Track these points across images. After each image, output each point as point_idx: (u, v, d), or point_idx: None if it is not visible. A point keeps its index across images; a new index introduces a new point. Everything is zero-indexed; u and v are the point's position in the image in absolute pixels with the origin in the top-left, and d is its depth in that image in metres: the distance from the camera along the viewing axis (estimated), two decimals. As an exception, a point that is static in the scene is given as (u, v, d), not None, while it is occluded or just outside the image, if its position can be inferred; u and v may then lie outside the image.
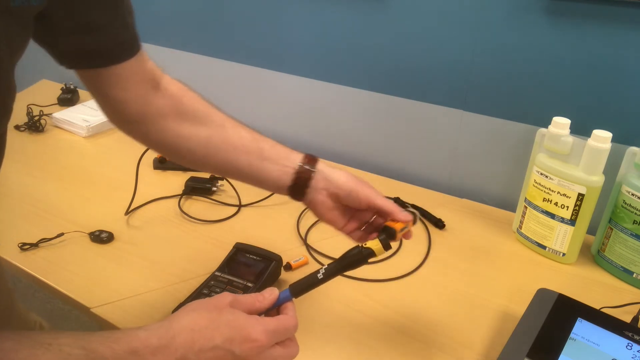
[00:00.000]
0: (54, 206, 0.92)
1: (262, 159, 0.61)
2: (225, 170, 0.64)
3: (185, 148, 0.61)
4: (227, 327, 0.46)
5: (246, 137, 0.62)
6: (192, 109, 0.61)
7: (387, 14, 0.97)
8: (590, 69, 0.83)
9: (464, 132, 0.99)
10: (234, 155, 0.61)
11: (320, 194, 0.61)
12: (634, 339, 0.59)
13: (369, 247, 0.56)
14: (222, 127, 0.62)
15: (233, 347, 0.46)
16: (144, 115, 0.60)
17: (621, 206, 0.75)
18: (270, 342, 0.47)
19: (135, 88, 0.58)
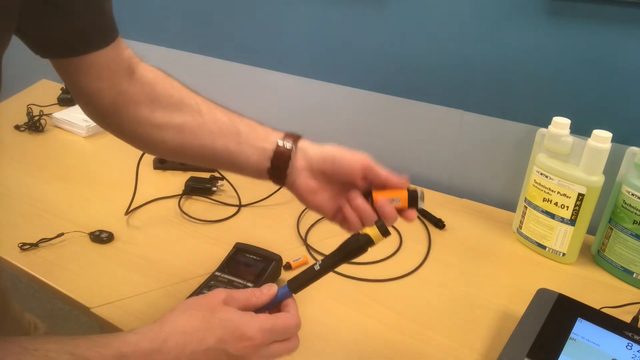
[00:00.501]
0: (54, 206, 0.92)
1: (240, 143, 0.57)
2: (203, 158, 0.59)
3: (158, 138, 0.58)
4: (220, 327, 0.45)
5: (222, 120, 0.58)
6: (166, 95, 0.58)
7: (387, 13, 0.97)
8: (590, 69, 0.83)
9: (464, 132, 0.99)
10: (209, 140, 0.57)
11: (302, 174, 0.57)
12: (634, 339, 0.59)
13: (366, 234, 0.52)
14: (197, 112, 0.58)
15: (227, 347, 0.45)
16: (118, 105, 0.57)
17: (621, 206, 0.75)
18: (266, 340, 0.46)
19: (110, 77, 0.55)
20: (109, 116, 0.58)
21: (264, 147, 0.57)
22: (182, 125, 0.57)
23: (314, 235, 0.87)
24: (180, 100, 0.58)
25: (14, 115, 1.24)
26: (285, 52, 1.13)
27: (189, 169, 1.04)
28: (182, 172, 1.04)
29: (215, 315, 0.46)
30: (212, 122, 0.58)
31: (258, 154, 0.57)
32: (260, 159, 0.57)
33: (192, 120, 0.58)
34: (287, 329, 0.48)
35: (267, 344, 0.47)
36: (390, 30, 0.99)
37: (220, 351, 0.45)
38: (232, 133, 0.57)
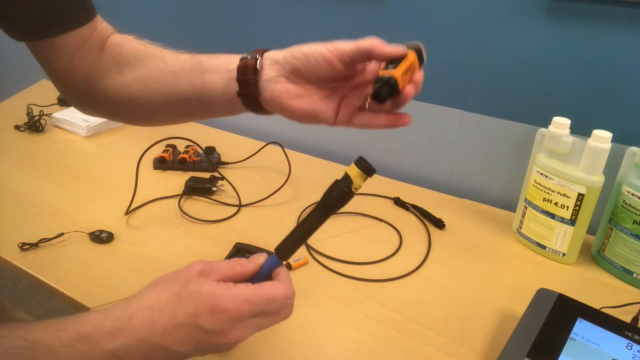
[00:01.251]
0: (54, 206, 0.92)
1: (202, 73, 0.52)
2: (172, 105, 0.55)
3: (127, 96, 0.55)
4: (190, 300, 0.41)
5: (184, 58, 0.54)
6: (131, 52, 0.56)
7: (387, 13, 0.97)
8: (590, 69, 0.83)
9: (464, 132, 0.99)
10: (173, 82, 0.53)
11: (278, 83, 0.50)
12: (634, 339, 0.59)
13: (345, 175, 0.47)
14: (160, 59, 0.55)
15: (200, 321, 0.41)
16: (90, 80, 0.56)
17: (621, 206, 0.75)
18: (244, 312, 0.42)
19: (85, 54, 0.54)
20: (83, 93, 0.57)
21: (228, 70, 0.51)
22: (146, 76, 0.55)
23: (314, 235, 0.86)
24: (145, 52, 0.56)
25: (14, 115, 1.24)
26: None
27: (189, 169, 1.04)
28: (182, 172, 1.04)
29: (186, 289, 0.42)
30: (174, 64, 0.54)
31: (223, 79, 0.52)
32: (227, 85, 0.51)
33: (155, 67, 0.55)
34: (271, 299, 0.43)
35: (247, 316, 0.42)
36: (390, 30, 0.98)
37: (193, 327, 0.41)
38: (194, 67, 0.53)
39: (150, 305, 0.42)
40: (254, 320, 0.43)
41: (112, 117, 0.62)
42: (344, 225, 0.90)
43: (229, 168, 1.06)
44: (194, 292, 0.42)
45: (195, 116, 0.57)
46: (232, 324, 0.41)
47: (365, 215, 0.92)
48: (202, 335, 0.41)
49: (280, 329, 0.67)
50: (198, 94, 0.53)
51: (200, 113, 0.56)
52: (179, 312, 0.41)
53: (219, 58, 0.53)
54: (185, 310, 0.41)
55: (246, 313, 0.42)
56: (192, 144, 1.04)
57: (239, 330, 0.42)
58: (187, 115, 0.58)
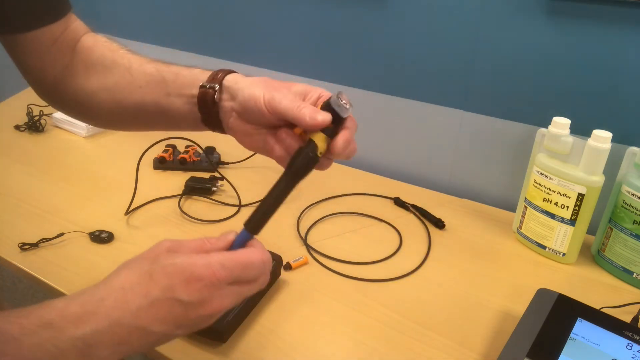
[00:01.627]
0: (54, 206, 0.92)
1: (168, 94, 0.51)
2: (138, 118, 0.54)
3: (94, 103, 0.55)
4: (163, 274, 0.39)
5: (150, 72, 0.52)
6: (100, 58, 0.55)
7: (388, 13, 0.97)
8: (590, 69, 0.83)
9: (464, 132, 0.99)
10: (139, 96, 0.52)
11: (231, 116, 0.49)
12: (634, 339, 0.59)
13: (309, 140, 0.45)
14: (127, 70, 0.54)
15: (176, 294, 0.38)
16: (59, 79, 0.55)
17: (621, 206, 0.75)
18: (222, 277, 0.39)
19: (56, 52, 0.54)
20: (54, 91, 0.57)
21: (191, 94, 0.50)
22: (113, 86, 0.54)
23: (314, 235, 0.87)
24: (112, 61, 0.55)
25: (14, 115, 1.24)
26: (285, 51, 1.13)
27: (189, 169, 1.04)
28: (182, 172, 1.04)
29: (157, 264, 0.40)
30: (140, 77, 0.53)
31: (187, 103, 0.51)
32: (191, 109, 0.51)
33: (122, 78, 0.54)
34: (248, 264, 0.41)
35: (224, 282, 0.40)
36: (390, 30, 0.99)
37: (170, 301, 0.38)
38: (159, 84, 0.52)
39: (121, 286, 0.39)
40: (232, 288, 0.41)
41: (80, 119, 0.61)
42: (344, 225, 0.90)
43: (229, 168, 1.06)
44: (165, 265, 0.40)
45: (162, 129, 0.57)
46: (209, 293, 0.39)
47: (365, 215, 0.92)
48: (180, 309, 0.39)
49: (280, 329, 0.67)
50: (164, 112, 0.52)
51: (166, 128, 0.56)
52: (152, 288, 0.39)
53: (182, 77, 0.52)
54: (159, 285, 0.39)
55: (223, 279, 0.40)
56: (192, 144, 1.04)
57: (217, 299, 0.40)
58: (154, 128, 0.57)
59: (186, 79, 0.51)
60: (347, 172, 1.07)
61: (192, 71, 0.52)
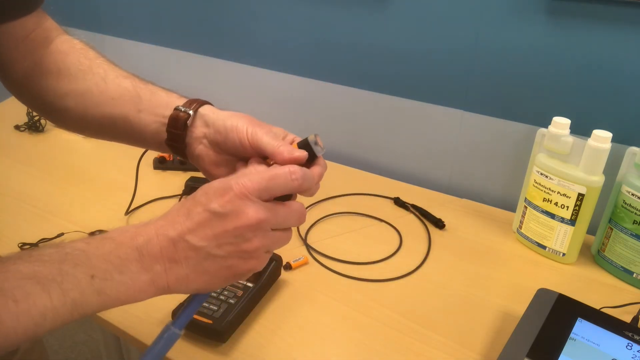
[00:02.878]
0: (54, 206, 0.92)
1: (139, 111, 0.52)
2: (104, 129, 0.55)
3: (62, 106, 0.55)
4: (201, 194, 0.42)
5: (125, 86, 0.53)
6: (75, 63, 0.55)
7: (387, 13, 0.97)
8: (590, 69, 0.83)
9: (464, 132, 0.99)
10: (109, 108, 0.53)
11: (201, 143, 0.51)
12: (634, 339, 0.59)
13: None
14: (102, 79, 0.54)
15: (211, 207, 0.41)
16: (28, 76, 0.55)
17: (621, 206, 0.75)
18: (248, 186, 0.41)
19: (27, 47, 0.54)
20: (21, 86, 0.57)
21: (163, 114, 0.52)
22: (84, 93, 0.54)
23: (314, 235, 0.87)
24: (88, 69, 0.55)
25: (14, 115, 1.24)
26: (285, 51, 1.13)
27: (189, 169, 1.04)
28: (182, 172, 1.04)
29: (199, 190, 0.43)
30: (114, 89, 0.54)
31: (156, 123, 0.52)
32: (158, 129, 0.52)
33: (95, 87, 0.54)
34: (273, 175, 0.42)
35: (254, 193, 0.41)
36: (389, 30, 0.99)
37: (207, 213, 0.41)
38: (133, 99, 0.53)
39: (170, 210, 0.43)
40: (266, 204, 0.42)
41: (46, 118, 0.61)
42: (344, 225, 0.90)
43: (229, 168, 1.06)
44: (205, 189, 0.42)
45: (124, 143, 0.57)
46: (242, 203, 0.41)
47: (365, 215, 0.92)
48: (218, 222, 0.41)
49: (280, 329, 0.67)
50: (130, 127, 0.53)
51: (129, 142, 0.56)
52: (195, 207, 0.42)
53: (158, 97, 0.53)
54: (200, 202, 0.42)
55: (251, 188, 0.41)
56: (192, 144, 1.04)
57: (252, 209, 0.41)
58: (117, 140, 0.58)
59: (162, 99, 0.53)
60: (347, 172, 1.07)
61: (170, 94, 0.54)
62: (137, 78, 0.55)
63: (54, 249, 0.38)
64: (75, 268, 0.37)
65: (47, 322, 0.35)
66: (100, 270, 0.38)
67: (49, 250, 0.38)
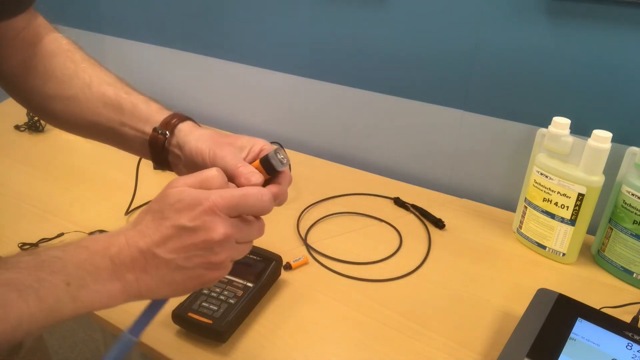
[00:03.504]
0: (54, 206, 0.92)
1: (122, 124, 0.54)
2: (95, 134, 0.57)
3: (50, 108, 0.56)
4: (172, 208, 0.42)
5: (108, 96, 0.54)
6: (61, 67, 0.56)
7: (387, 13, 0.97)
8: (590, 69, 0.83)
9: (464, 132, 0.99)
10: (95, 116, 0.54)
11: (178, 164, 0.53)
12: (634, 339, 0.59)
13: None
14: (87, 86, 0.55)
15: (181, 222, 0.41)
16: (17, 74, 0.56)
17: (621, 206, 0.75)
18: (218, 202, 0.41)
19: (16, 45, 0.55)
20: (12, 85, 0.58)
21: (144, 131, 0.53)
22: (70, 99, 0.55)
23: (314, 235, 0.87)
24: (74, 73, 0.56)
25: (14, 115, 1.24)
26: (284, 51, 1.13)
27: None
28: (182, 172, 1.04)
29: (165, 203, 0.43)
30: (98, 97, 0.55)
31: (139, 137, 0.54)
32: (142, 143, 0.53)
33: (81, 94, 0.55)
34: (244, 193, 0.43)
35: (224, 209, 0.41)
36: (389, 30, 0.99)
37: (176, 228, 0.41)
38: (115, 110, 0.54)
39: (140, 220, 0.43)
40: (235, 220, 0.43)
41: (39, 116, 0.63)
42: (344, 225, 0.90)
43: (229, 168, 1.06)
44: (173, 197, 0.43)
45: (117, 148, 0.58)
46: (211, 218, 0.41)
47: (365, 215, 0.92)
48: (187, 236, 0.41)
49: (280, 329, 0.67)
50: (117, 137, 0.55)
51: (121, 149, 0.58)
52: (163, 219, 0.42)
53: (139, 111, 0.54)
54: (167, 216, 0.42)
55: (221, 204, 0.41)
56: (192, 144, 1.04)
57: (220, 225, 0.41)
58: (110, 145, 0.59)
59: (142, 114, 0.54)
60: (347, 172, 1.08)
61: (150, 107, 0.54)
62: (120, 84, 0.56)
63: (31, 257, 0.39)
64: (52, 275, 0.38)
65: (23, 327, 0.36)
66: (75, 277, 0.39)
67: (25, 257, 0.39)
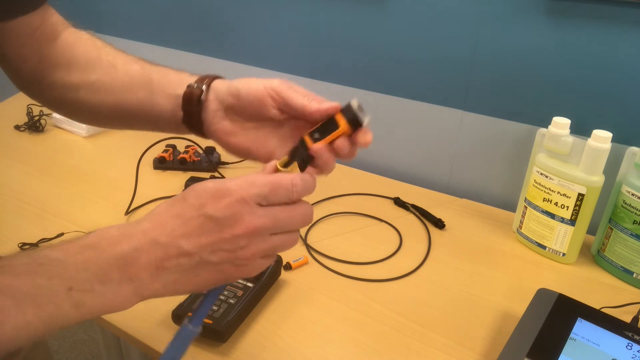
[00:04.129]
0: (54, 206, 0.92)
1: (152, 92, 0.52)
2: (119, 117, 0.55)
3: (74, 98, 0.55)
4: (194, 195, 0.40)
5: (135, 70, 0.53)
6: (83, 54, 0.55)
7: (387, 13, 0.97)
8: (590, 69, 0.83)
9: (464, 132, 0.99)
10: (122, 95, 0.53)
11: (216, 116, 0.50)
12: (634, 339, 0.59)
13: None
14: (112, 67, 0.54)
15: (207, 210, 0.38)
16: (38, 71, 0.56)
17: (621, 206, 0.75)
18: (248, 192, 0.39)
19: (34, 43, 0.54)
20: (30, 83, 0.57)
21: (176, 94, 0.51)
22: (95, 83, 0.54)
23: (314, 235, 0.87)
24: (97, 58, 0.55)
25: (14, 115, 1.24)
26: (285, 51, 1.13)
27: (188, 169, 1.04)
28: (182, 172, 1.04)
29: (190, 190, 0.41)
30: (124, 75, 0.54)
31: (170, 103, 0.52)
32: (174, 109, 0.52)
33: (106, 76, 0.54)
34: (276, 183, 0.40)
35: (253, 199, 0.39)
36: (390, 30, 0.99)
37: (202, 217, 0.39)
38: (145, 83, 0.53)
39: (157, 212, 0.40)
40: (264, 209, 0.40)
41: (58, 112, 0.62)
42: (344, 225, 0.90)
43: (229, 168, 1.07)
44: (197, 188, 0.40)
45: (141, 129, 0.57)
46: (240, 209, 0.38)
47: (365, 215, 0.92)
48: (212, 225, 0.38)
49: (280, 329, 0.67)
50: (145, 111, 0.53)
51: (146, 128, 0.56)
52: (186, 209, 0.39)
53: (169, 77, 0.53)
54: (191, 205, 0.39)
55: (251, 194, 0.39)
56: (192, 144, 1.04)
57: (248, 217, 0.39)
58: (133, 127, 0.57)
59: (173, 79, 0.52)
60: (347, 172, 1.07)
61: (180, 73, 0.53)
62: (145, 62, 0.55)
63: (27, 259, 0.36)
64: (51, 280, 0.35)
65: (21, 337, 0.34)
66: (78, 281, 0.36)
67: (22, 260, 0.36)
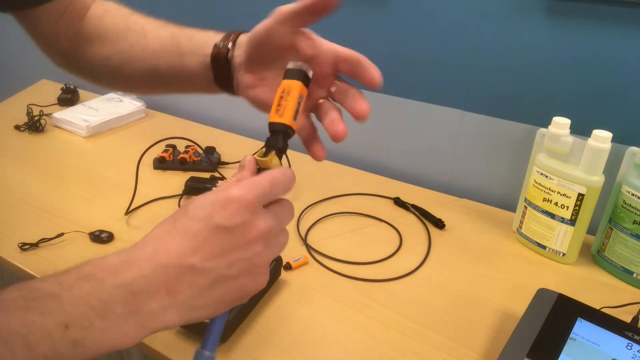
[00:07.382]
0: (54, 206, 0.92)
1: (182, 56, 0.53)
2: (154, 83, 0.57)
3: (110, 68, 0.57)
4: (197, 208, 0.37)
5: (164, 36, 0.54)
6: (112, 26, 0.57)
7: (387, 13, 0.97)
8: (590, 69, 0.83)
9: (464, 132, 0.99)
10: (153, 60, 0.54)
11: (239, 70, 0.50)
12: (634, 339, 0.59)
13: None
14: (142, 35, 0.56)
15: (217, 221, 0.36)
16: (73, 46, 0.58)
17: (621, 206, 0.75)
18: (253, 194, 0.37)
19: (67, 20, 0.57)
20: (69, 57, 0.60)
21: (204, 53, 0.52)
22: (126, 51, 0.56)
23: (314, 235, 0.87)
24: (126, 27, 0.57)
25: (14, 115, 1.24)
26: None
27: (188, 169, 1.04)
28: (182, 172, 1.04)
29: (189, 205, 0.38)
30: (154, 41, 0.55)
31: (200, 63, 0.52)
32: (204, 69, 0.52)
33: (136, 44, 0.56)
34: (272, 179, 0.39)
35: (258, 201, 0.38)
36: (390, 30, 0.99)
37: (212, 229, 0.36)
38: (174, 47, 0.54)
39: (157, 234, 0.37)
40: (270, 209, 0.40)
41: (95, 83, 0.64)
42: (344, 225, 0.90)
43: (229, 168, 1.07)
44: (197, 203, 0.38)
45: (176, 92, 0.59)
46: (250, 214, 0.37)
47: (365, 215, 0.92)
48: (225, 236, 0.36)
49: (280, 329, 0.67)
50: (177, 74, 0.54)
51: (180, 90, 0.58)
52: (191, 224, 0.36)
53: (197, 38, 0.54)
54: (196, 218, 0.36)
55: (256, 196, 0.37)
56: (192, 144, 1.04)
57: (261, 219, 0.37)
58: (168, 91, 0.60)
59: (200, 39, 0.53)
60: (347, 172, 1.07)
61: (207, 33, 0.54)
62: (173, 26, 0.57)
63: (19, 292, 0.33)
64: (44, 317, 0.32)
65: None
66: (76, 317, 0.33)
67: (12, 294, 0.33)
